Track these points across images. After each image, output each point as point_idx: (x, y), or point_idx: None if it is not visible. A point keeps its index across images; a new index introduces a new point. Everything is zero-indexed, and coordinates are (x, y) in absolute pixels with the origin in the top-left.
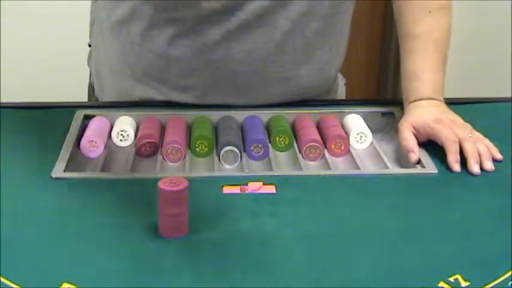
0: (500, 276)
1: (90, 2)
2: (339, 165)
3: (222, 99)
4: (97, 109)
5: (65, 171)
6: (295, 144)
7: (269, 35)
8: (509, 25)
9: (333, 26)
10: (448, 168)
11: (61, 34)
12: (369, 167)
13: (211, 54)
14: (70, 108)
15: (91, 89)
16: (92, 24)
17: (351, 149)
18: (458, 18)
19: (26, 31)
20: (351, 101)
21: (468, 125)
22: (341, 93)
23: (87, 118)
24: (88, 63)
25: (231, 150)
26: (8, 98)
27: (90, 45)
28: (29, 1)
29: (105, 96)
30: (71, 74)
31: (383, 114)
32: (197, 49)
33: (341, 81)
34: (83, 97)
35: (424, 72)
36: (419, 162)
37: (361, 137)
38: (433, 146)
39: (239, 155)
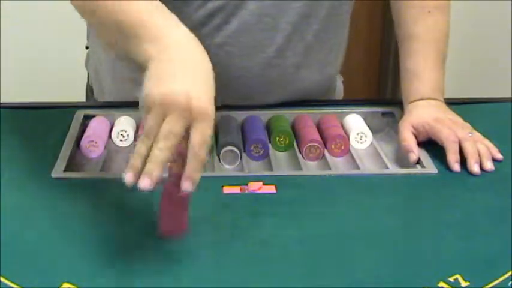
0: (500, 276)
1: None
2: (339, 165)
3: (221, 102)
4: (97, 109)
5: (65, 171)
6: (295, 144)
7: (270, 39)
8: (509, 25)
9: (332, 27)
10: (448, 168)
11: (60, 36)
12: (369, 167)
13: (211, 58)
14: (70, 108)
15: (89, 91)
16: (89, 26)
17: (351, 149)
18: (459, 18)
19: (26, 32)
20: (351, 101)
21: (468, 125)
22: (339, 91)
23: (87, 118)
24: (86, 66)
25: (231, 150)
26: (8, 98)
27: (87, 48)
28: (28, 2)
29: (105, 98)
30: (69, 76)
31: (383, 114)
32: None
33: (339, 80)
34: (81, 99)
35: (424, 72)
36: (419, 162)
37: (361, 137)
38: (433, 146)
39: (239, 155)
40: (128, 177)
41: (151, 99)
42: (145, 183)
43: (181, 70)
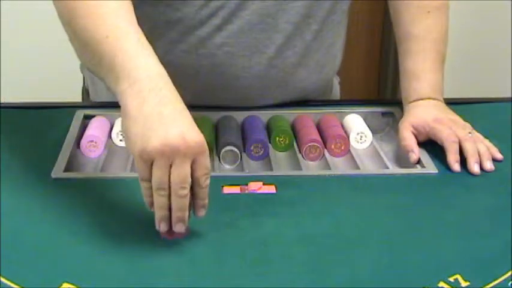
0: (500, 276)
1: None
2: (339, 165)
3: (222, 102)
4: (97, 109)
5: (65, 171)
6: (295, 144)
7: (270, 39)
8: (509, 25)
9: (330, 27)
10: (448, 168)
11: (60, 36)
12: (369, 167)
13: (212, 59)
14: (70, 108)
15: (85, 93)
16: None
17: (351, 149)
18: (459, 18)
19: (26, 32)
20: (351, 101)
21: (468, 125)
22: (335, 91)
23: (87, 118)
24: (81, 69)
25: (231, 150)
26: (8, 98)
27: None
28: (28, 2)
29: (100, 100)
30: (69, 77)
31: (383, 114)
32: (198, 54)
33: (335, 80)
34: (79, 100)
35: (423, 73)
36: (419, 162)
37: (361, 137)
38: (433, 146)
39: (239, 155)
40: (163, 227)
41: (150, 153)
42: (181, 228)
43: (163, 110)
